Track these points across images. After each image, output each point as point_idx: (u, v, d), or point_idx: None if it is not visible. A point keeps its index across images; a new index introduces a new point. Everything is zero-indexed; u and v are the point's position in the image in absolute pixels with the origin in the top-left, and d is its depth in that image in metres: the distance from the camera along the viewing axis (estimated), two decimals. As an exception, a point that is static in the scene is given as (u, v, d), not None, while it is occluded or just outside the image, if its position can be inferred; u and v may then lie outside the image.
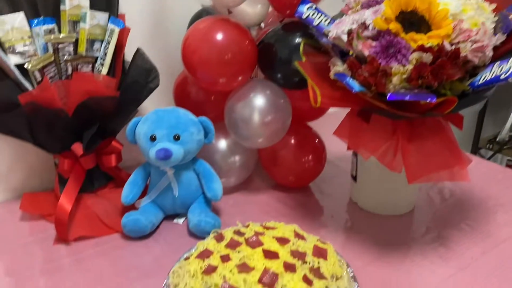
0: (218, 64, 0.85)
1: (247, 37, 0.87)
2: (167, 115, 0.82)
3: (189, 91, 0.98)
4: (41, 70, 0.83)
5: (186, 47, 0.87)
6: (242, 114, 0.88)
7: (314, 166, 0.99)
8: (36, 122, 0.81)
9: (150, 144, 0.81)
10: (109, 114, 0.87)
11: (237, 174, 0.98)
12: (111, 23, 0.89)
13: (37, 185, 0.99)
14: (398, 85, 0.65)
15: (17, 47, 0.84)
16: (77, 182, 0.86)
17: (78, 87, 0.82)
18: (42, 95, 0.79)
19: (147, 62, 0.92)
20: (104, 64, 0.89)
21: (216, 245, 0.70)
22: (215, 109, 0.97)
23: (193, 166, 0.87)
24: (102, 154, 0.90)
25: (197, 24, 0.87)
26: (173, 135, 0.80)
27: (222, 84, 0.88)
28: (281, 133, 0.91)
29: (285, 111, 0.90)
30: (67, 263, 0.76)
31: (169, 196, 0.85)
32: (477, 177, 1.03)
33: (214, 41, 0.84)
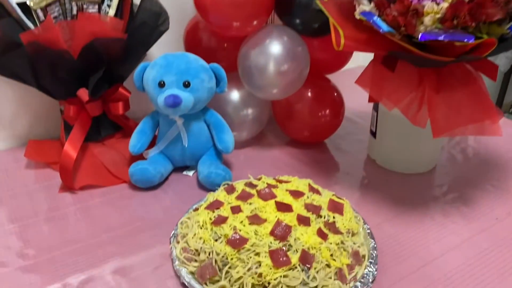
0: (232, 6, 0.79)
1: (264, -22, 0.81)
2: (177, 60, 0.77)
3: (201, 37, 0.93)
4: (44, 9, 0.78)
5: (198, -13, 0.80)
6: (257, 62, 0.82)
7: (331, 121, 0.94)
8: (39, 64, 0.77)
9: (159, 91, 0.76)
10: (116, 58, 0.82)
11: (249, 128, 0.93)
12: (119, -39, 0.82)
13: (42, 132, 0.96)
14: (430, 26, 0.59)
15: (19, -16, 0.78)
16: (83, 129, 0.83)
17: (83, 28, 0.78)
18: (46, 35, 0.74)
19: (156, 4, 0.87)
20: (111, 6, 0.83)
21: (226, 196, 0.67)
22: (228, 57, 0.91)
23: (204, 116, 0.83)
24: (109, 101, 0.86)
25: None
26: (183, 81, 0.76)
27: (235, 28, 0.83)
28: (297, 84, 0.85)
29: (303, 60, 0.84)
30: (72, 211, 0.74)
31: (178, 147, 0.82)
32: (503, 138, 0.98)
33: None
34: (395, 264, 0.63)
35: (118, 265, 0.62)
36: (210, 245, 0.58)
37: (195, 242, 0.60)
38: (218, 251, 0.56)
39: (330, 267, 0.56)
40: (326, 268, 0.56)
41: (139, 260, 0.63)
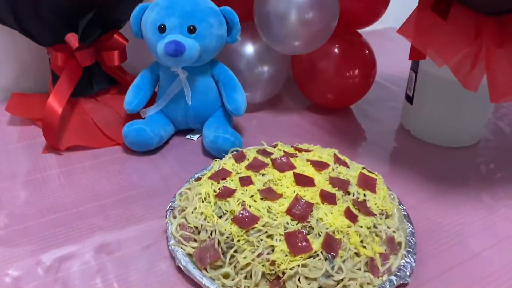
0: None
1: None
2: (182, 0, 0.65)
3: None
4: None
5: None
6: (276, 9, 0.69)
7: (359, 83, 0.81)
8: (20, 2, 0.65)
9: (159, 36, 0.64)
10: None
11: (264, 88, 0.81)
12: None
13: (30, 85, 0.85)
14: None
15: None
16: (71, 80, 0.71)
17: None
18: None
19: None
20: None
21: (235, 165, 0.55)
22: (242, 3, 0.78)
23: (212, 70, 0.70)
24: (103, 49, 0.74)
25: None
26: (188, 25, 0.63)
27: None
28: (323, 37, 0.72)
29: (331, 7, 0.71)
30: (55, 175, 0.63)
31: (181, 105, 0.70)
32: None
33: None
34: (436, 254, 0.52)
35: (102, 240, 0.52)
36: (212, 223, 0.47)
37: (194, 218, 0.49)
38: (223, 230, 0.46)
39: (360, 256, 0.45)
40: (354, 257, 0.45)
41: (127, 236, 0.53)
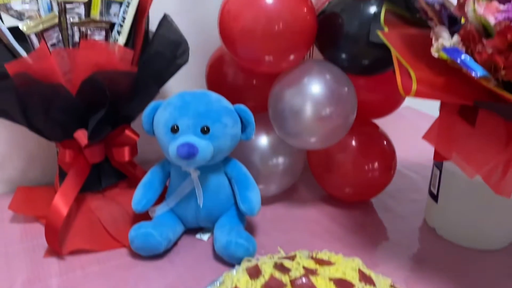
0: (265, 37, 0.65)
1: (305, 3, 0.66)
2: (195, 100, 0.63)
3: (226, 72, 0.79)
4: (40, 34, 0.65)
5: (225, 13, 0.67)
6: (292, 104, 0.68)
7: (379, 176, 0.77)
8: (29, 100, 0.64)
9: (171, 137, 0.62)
10: (124, 95, 0.68)
11: (279, 180, 0.77)
12: (133, -19, 0.70)
13: (37, 176, 0.82)
14: (541, 69, 0.42)
15: (14, 4, 0.66)
16: (79, 178, 0.68)
17: (86, 58, 0.65)
18: (38, 65, 0.62)
19: (175, 32, 0.73)
20: (121, 33, 0.70)
21: (249, 282, 0.50)
22: (256, 96, 0.77)
23: (225, 168, 0.67)
24: (113, 145, 0.72)
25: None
26: (201, 126, 0.61)
27: (268, 63, 0.68)
28: (341, 132, 0.70)
29: (349, 103, 0.69)
30: (55, 284, 0.59)
31: (191, 205, 0.66)
32: None
33: (261, 6, 0.64)
34: None
35: None
36: None
37: None
38: None
39: None
40: None
41: None
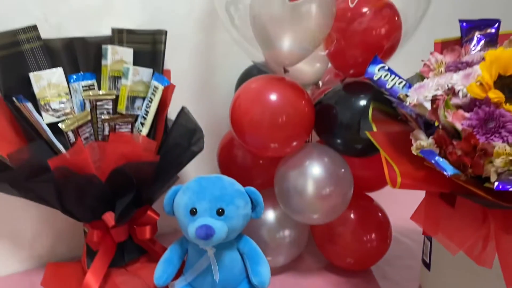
0: (271, 128, 0.75)
1: (303, 97, 0.77)
2: (211, 185, 0.72)
3: (235, 154, 0.88)
4: (75, 131, 0.75)
5: (236, 108, 0.77)
6: (296, 184, 0.77)
7: (377, 246, 0.84)
8: (65, 189, 0.73)
9: (190, 219, 0.70)
10: (147, 181, 0.77)
11: (286, 252, 0.85)
12: (155, 80, 0.81)
13: (65, 252, 0.90)
14: (502, 167, 0.51)
15: (53, 104, 0.77)
16: (107, 257, 0.76)
17: (114, 149, 0.74)
18: (74, 159, 0.71)
19: (191, 122, 0.84)
20: (144, 124, 0.81)
21: None
22: (263, 174, 0.86)
23: (237, 244, 0.75)
24: (136, 224, 0.80)
25: (249, 83, 0.79)
26: (217, 209, 0.69)
27: (273, 149, 0.78)
28: (340, 208, 0.78)
29: (346, 182, 0.78)
30: None
31: (208, 279, 0.73)
32: None
33: (267, 102, 0.75)
34: None
35: None
36: None
37: None
38: None
39: None
40: None
41: None
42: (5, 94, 0.74)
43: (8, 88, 0.74)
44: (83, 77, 0.80)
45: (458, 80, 0.57)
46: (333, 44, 0.74)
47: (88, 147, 0.73)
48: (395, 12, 0.73)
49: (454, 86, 0.57)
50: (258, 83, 0.78)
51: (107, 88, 0.81)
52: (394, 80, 0.66)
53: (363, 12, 0.70)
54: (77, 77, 0.80)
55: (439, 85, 0.58)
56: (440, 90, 0.58)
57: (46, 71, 0.77)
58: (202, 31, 0.94)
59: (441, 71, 0.62)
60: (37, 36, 0.77)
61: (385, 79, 0.66)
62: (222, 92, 0.97)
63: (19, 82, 0.75)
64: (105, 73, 0.81)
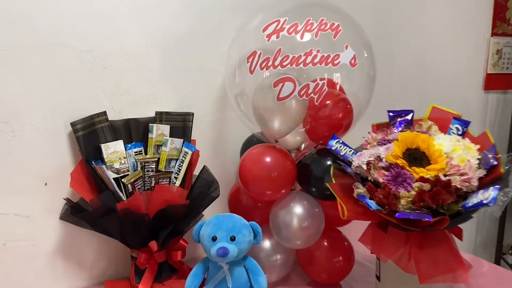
0: (267, 180, 1.08)
1: (288, 159, 1.12)
2: (226, 220, 1.05)
3: (241, 199, 1.22)
4: (132, 183, 1.09)
5: (242, 166, 1.12)
6: (284, 220, 1.09)
7: (344, 266, 1.16)
8: (125, 224, 1.05)
9: (212, 243, 1.02)
10: (180, 218, 1.10)
11: (278, 271, 1.16)
12: (185, 147, 1.16)
13: (114, 273, 1.20)
14: (405, 205, 0.85)
15: (115, 165, 1.11)
16: (152, 273, 1.07)
17: (158, 196, 1.07)
18: (133, 203, 1.04)
19: (210, 176, 1.18)
20: (178, 178, 1.15)
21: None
22: (261, 214, 1.18)
23: (244, 262, 1.07)
24: (171, 249, 1.12)
25: (251, 150, 1.13)
26: (230, 236, 1.02)
27: (268, 195, 1.11)
28: (315, 237, 1.11)
29: (319, 218, 1.11)
30: None
31: (223, 287, 1.05)
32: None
33: (264, 162, 1.09)
34: None
35: None
36: None
37: None
38: None
39: None
40: None
41: None
42: (86, 158, 1.08)
43: (87, 154, 1.09)
44: (135, 146, 1.15)
45: (382, 151, 0.92)
46: (308, 124, 1.10)
47: (141, 195, 1.07)
48: (348, 102, 1.09)
49: (380, 155, 0.92)
50: (258, 150, 1.13)
51: (152, 153, 1.16)
52: (345, 150, 1.01)
53: (326, 104, 1.06)
54: (131, 145, 1.14)
55: (372, 154, 0.93)
56: (372, 157, 0.93)
57: (111, 143, 1.11)
58: (217, 110, 1.29)
59: (374, 144, 0.98)
60: (106, 118, 1.13)
61: (340, 149, 1.01)
62: (231, 154, 1.31)
63: (94, 150, 1.10)
64: (151, 143, 1.16)
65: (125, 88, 1.16)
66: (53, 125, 1.08)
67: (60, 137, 1.09)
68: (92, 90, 1.12)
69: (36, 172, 1.07)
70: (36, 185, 1.07)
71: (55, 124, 1.08)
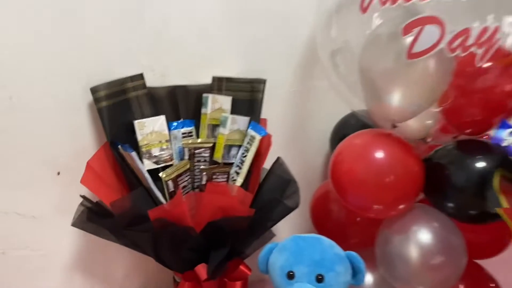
0: (376, 188, 0.70)
1: (412, 155, 0.71)
2: (310, 247, 0.68)
3: (331, 208, 0.84)
4: (175, 180, 0.75)
5: (337, 164, 0.74)
6: (400, 250, 0.71)
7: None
8: (162, 239, 0.72)
9: (287, 283, 0.66)
10: (241, 234, 0.75)
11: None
12: (252, 129, 0.80)
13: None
14: None
15: (153, 151, 0.78)
16: (198, 310, 0.74)
17: (211, 201, 0.73)
18: (173, 210, 0.71)
19: (286, 172, 0.81)
20: (240, 174, 0.79)
21: None
22: (360, 233, 0.82)
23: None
24: (227, 277, 0.77)
25: (351, 139, 0.75)
26: (316, 274, 0.65)
27: (376, 211, 0.73)
28: (452, 281, 0.70)
29: (459, 251, 0.70)
30: None
31: None
32: None
33: (372, 159, 0.70)
34: None
35: None
36: None
37: None
38: None
39: None
40: None
41: None
42: (110, 140, 0.75)
43: (114, 134, 0.76)
44: (183, 124, 0.81)
45: None
46: (449, 101, 0.68)
47: (186, 198, 0.73)
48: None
49: None
50: (363, 139, 0.74)
51: (206, 136, 0.81)
52: (527, 147, 0.58)
53: (487, 69, 0.64)
54: (177, 124, 0.80)
55: None
56: None
57: (149, 119, 0.78)
58: (300, 77, 0.91)
59: None
60: (143, 84, 0.79)
61: (517, 145, 0.59)
62: (315, 141, 0.95)
63: (124, 128, 0.77)
64: (204, 121, 0.81)
65: (170, 42, 0.82)
66: (68, 91, 0.78)
67: (78, 109, 0.79)
68: (123, 43, 0.79)
69: (45, 157, 0.79)
70: (45, 174, 0.80)
71: (71, 89, 0.77)
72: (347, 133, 0.80)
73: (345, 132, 0.83)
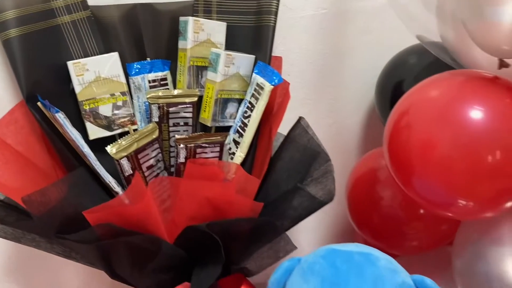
0: (469, 172, 0.41)
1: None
2: (355, 271, 0.42)
3: (379, 193, 0.57)
4: (133, 158, 0.47)
5: (401, 130, 0.45)
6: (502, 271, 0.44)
7: None
8: (115, 252, 0.46)
9: (317, 331, 0.40)
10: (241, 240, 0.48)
11: None
12: (259, 74, 0.51)
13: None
14: None
15: (102, 110, 0.50)
16: None
17: (193, 190, 0.47)
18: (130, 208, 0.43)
19: (312, 141, 0.52)
20: (240, 145, 0.51)
21: None
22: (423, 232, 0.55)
23: None
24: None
25: (425, 88, 0.47)
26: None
27: (462, 208, 0.44)
28: None
29: None
30: None
31: None
32: None
33: (464, 124, 0.41)
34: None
35: None
36: None
37: None
38: None
39: None
40: None
41: None
42: (27, 94, 0.47)
43: (33, 84, 0.48)
44: (150, 67, 0.54)
45: None
46: None
47: (153, 186, 0.45)
48: None
49: None
50: (445, 88, 0.44)
51: (186, 85, 0.54)
52: None
53: None
54: (141, 67, 0.52)
55: None
56: None
57: (94, 58, 0.52)
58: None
59: None
60: (82, 2, 0.49)
61: None
62: (354, 91, 0.68)
63: (51, 74, 0.50)
64: (183, 62, 0.55)
65: None
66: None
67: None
68: None
69: None
70: None
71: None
72: (404, 78, 0.57)
73: (402, 76, 0.59)
